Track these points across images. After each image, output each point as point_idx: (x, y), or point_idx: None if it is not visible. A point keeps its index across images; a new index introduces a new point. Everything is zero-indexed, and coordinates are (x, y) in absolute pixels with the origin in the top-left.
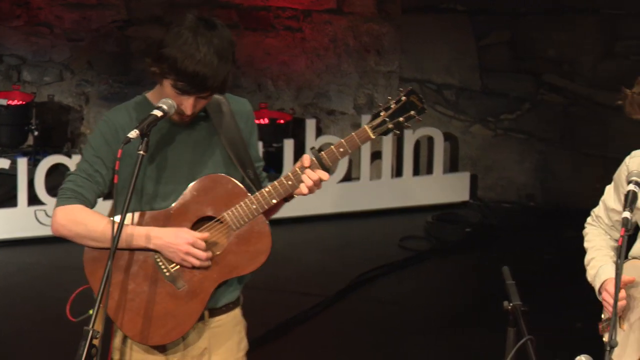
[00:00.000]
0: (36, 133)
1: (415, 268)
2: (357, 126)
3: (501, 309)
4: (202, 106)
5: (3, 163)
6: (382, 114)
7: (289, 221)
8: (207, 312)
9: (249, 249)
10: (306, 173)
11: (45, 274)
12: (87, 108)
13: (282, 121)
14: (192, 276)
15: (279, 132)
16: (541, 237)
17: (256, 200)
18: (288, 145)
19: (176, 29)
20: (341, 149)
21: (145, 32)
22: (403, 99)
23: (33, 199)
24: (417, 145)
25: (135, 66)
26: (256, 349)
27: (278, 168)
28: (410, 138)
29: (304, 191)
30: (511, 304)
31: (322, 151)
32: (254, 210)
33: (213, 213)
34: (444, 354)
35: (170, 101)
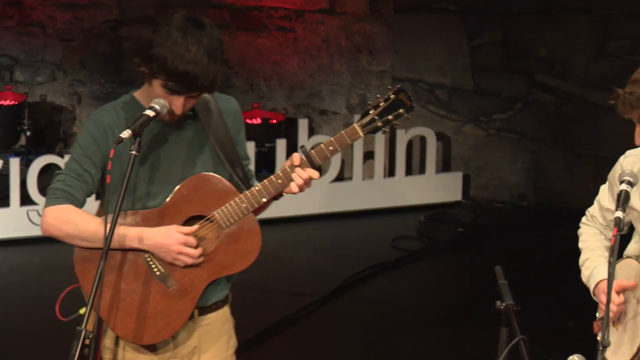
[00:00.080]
0: (28, 133)
1: (407, 268)
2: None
3: (494, 309)
4: (192, 105)
5: None
6: (371, 113)
7: (281, 221)
8: (197, 311)
9: (239, 248)
10: (296, 172)
11: (37, 274)
12: (80, 108)
13: (275, 121)
14: (183, 275)
15: (272, 132)
16: (533, 237)
17: (246, 199)
18: (280, 145)
19: (165, 29)
20: (331, 148)
21: (137, 32)
22: (392, 97)
23: (25, 199)
24: (410, 145)
25: (127, 66)
26: (247, 349)
27: (270, 168)
28: (402, 138)
29: (294, 190)
30: (504, 304)
31: (312, 150)
32: (244, 209)
33: (203, 212)
34: (437, 354)
35: (162, 101)
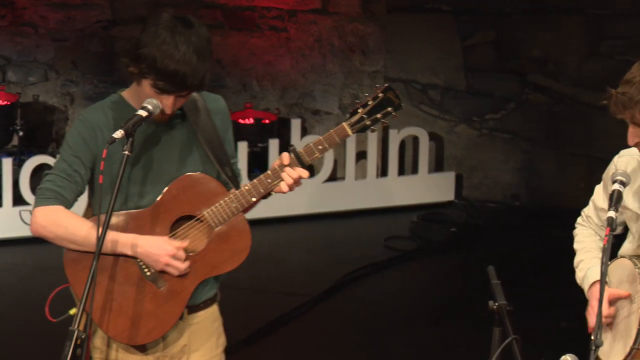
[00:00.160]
0: (21, 133)
1: (400, 268)
2: None
3: (486, 309)
4: (181, 104)
5: None
6: (360, 111)
7: (274, 221)
8: (186, 310)
9: (229, 247)
10: (286, 171)
11: (30, 274)
12: (72, 108)
13: (267, 121)
14: (173, 275)
15: (264, 132)
16: (526, 237)
17: (235, 198)
18: (273, 145)
19: (153, 29)
20: (320, 147)
21: (129, 32)
22: (380, 96)
23: (18, 199)
24: (402, 145)
25: (120, 66)
26: (241, 349)
27: (263, 168)
28: (395, 138)
29: (284, 189)
30: (496, 304)
31: (301, 149)
32: (234, 208)
33: (192, 212)
34: (429, 354)
35: (155, 101)
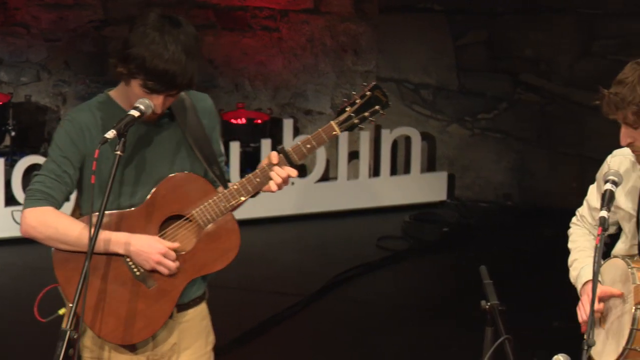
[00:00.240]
0: (13, 133)
1: (392, 268)
2: None
3: (479, 309)
4: (170, 104)
5: None
6: (348, 110)
7: (266, 221)
8: (175, 308)
9: (219, 247)
10: (274, 170)
11: (22, 275)
12: (65, 108)
13: (260, 121)
14: (162, 275)
15: (257, 132)
16: (518, 236)
17: (224, 197)
18: (265, 145)
19: (141, 29)
20: (308, 145)
21: (122, 32)
22: (368, 94)
23: (10, 200)
24: (395, 145)
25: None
26: (233, 349)
27: (255, 168)
28: (387, 138)
29: (273, 188)
30: (489, 304)
31: (290, 148)
32: (223, 207)
33: (181, 211)
34: (422, 354)
35: (147, 101)
